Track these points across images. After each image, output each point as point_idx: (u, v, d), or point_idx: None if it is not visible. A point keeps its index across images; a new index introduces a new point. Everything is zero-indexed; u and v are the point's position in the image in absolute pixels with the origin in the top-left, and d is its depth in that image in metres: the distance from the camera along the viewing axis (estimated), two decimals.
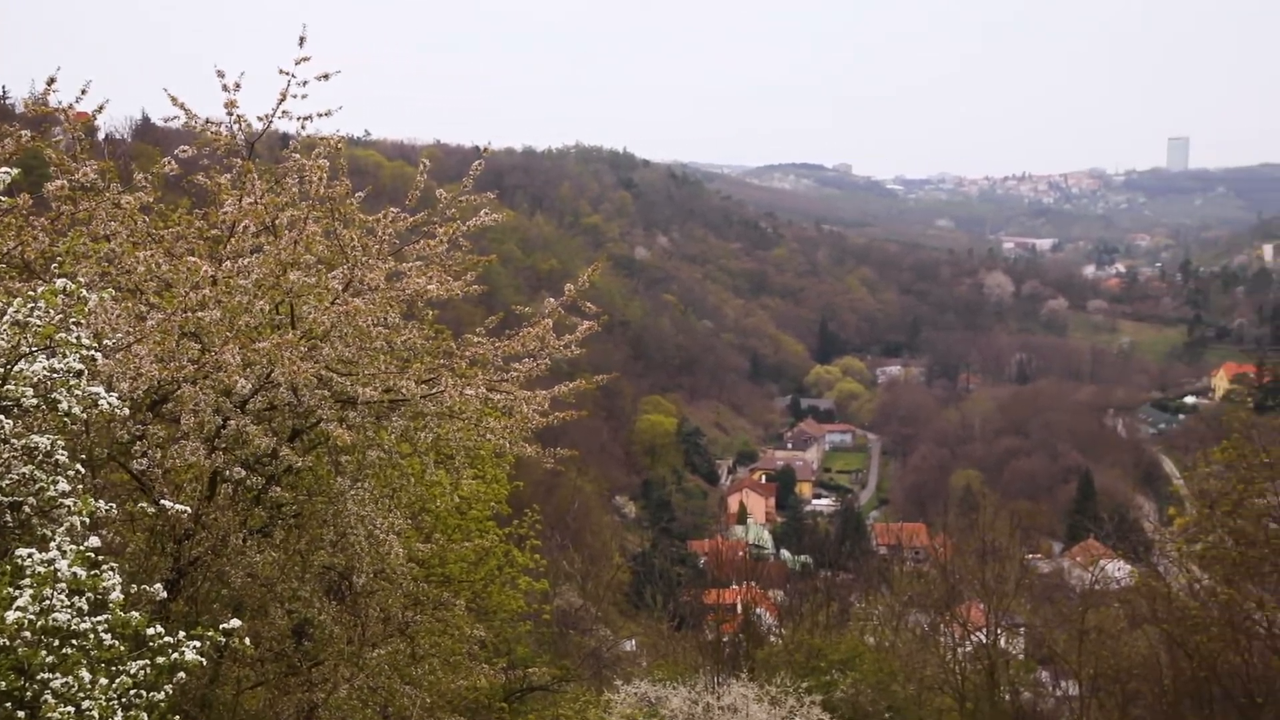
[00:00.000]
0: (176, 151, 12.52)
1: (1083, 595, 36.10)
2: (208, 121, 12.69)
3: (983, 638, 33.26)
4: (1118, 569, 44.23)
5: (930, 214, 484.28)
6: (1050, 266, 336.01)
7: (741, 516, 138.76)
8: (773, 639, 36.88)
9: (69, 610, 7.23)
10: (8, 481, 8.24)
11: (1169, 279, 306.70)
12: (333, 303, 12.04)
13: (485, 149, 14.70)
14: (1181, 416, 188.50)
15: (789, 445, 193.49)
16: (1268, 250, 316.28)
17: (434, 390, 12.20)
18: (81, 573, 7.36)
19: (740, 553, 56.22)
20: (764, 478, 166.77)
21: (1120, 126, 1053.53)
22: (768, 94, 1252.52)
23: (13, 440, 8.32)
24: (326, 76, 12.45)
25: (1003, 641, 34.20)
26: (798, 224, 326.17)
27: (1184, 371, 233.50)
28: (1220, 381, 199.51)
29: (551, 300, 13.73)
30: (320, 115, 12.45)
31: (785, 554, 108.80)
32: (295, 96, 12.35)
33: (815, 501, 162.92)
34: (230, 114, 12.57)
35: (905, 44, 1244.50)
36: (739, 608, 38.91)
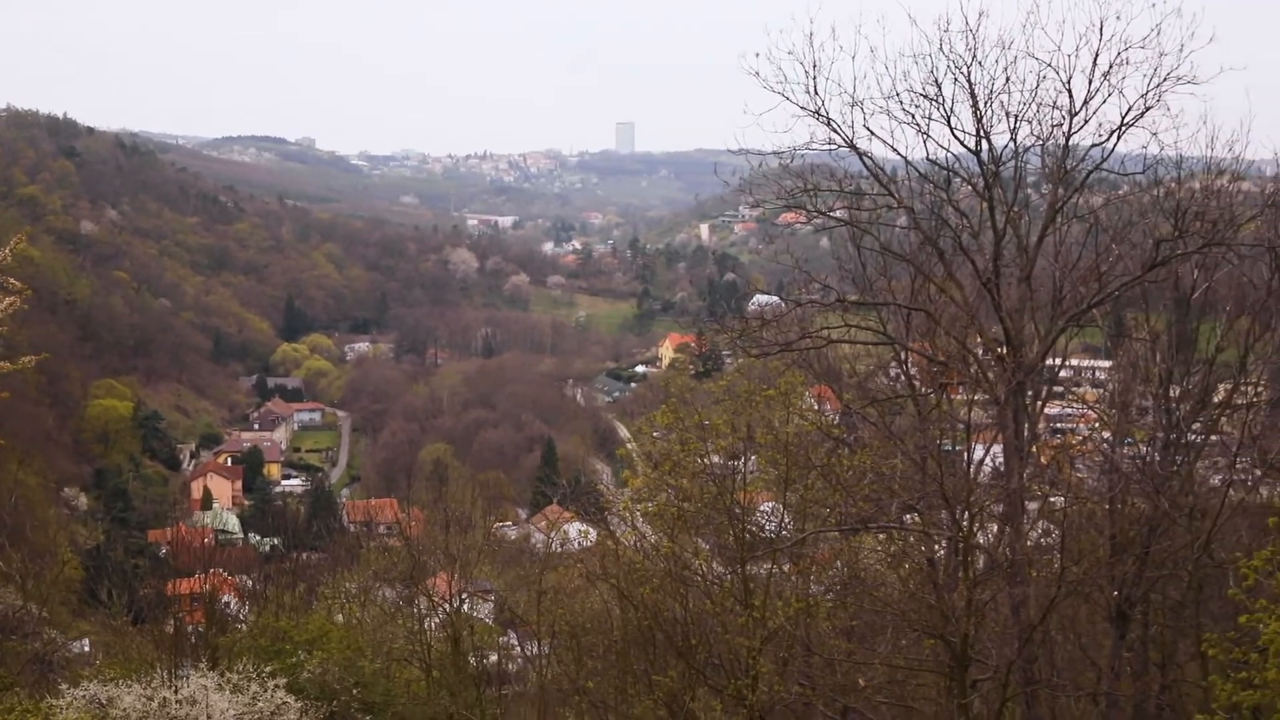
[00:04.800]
0: None
1: (543, 558, 37.79)
2: None
3: (449, 607, 34.00)
4: (579, 531, 46.68)
5: (395, 190, 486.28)
6: (512, 243, 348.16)
7: (206, 502, 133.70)
8: (240, 625, 35.77)
9: None
10: None
11: (620, 255, 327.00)
12: None
13: None
14: (634, 385, 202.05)
15: (256, 426, 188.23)
16: (704, 229, 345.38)
17: None
18: None
19: (205, 539, 54.05)
20: (230, 460, 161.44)
21: (573, 109, 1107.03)
22: (225, 63, 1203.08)
23: None
24: None
25: (468, 608, 35.14)
26: (260, 198, 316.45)
27: (635, 342, 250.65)
28: (667, 351, 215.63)
29: None
30: None
31: (254, 537, 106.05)
32: None
33: (285, 482, 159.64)
34: None
35: (368, 18, 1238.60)
36: (203, 596, 37.42)
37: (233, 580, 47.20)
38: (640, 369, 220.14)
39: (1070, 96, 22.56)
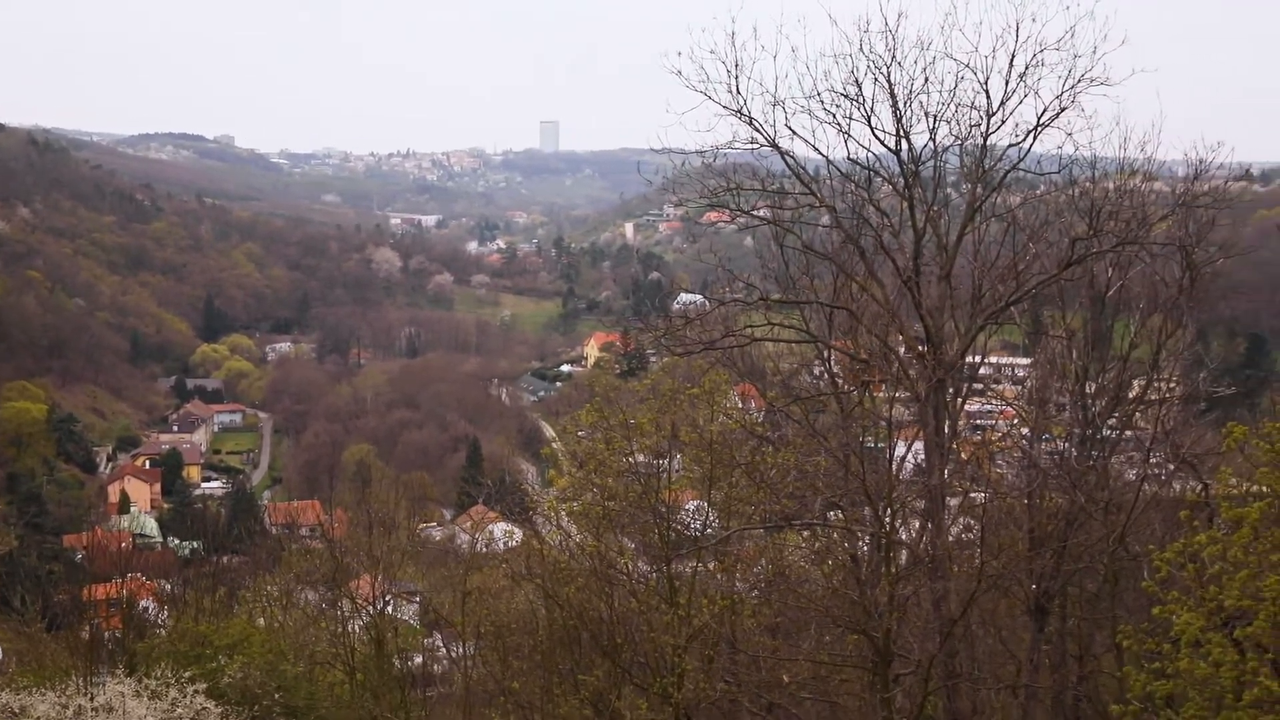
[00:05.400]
0: None
1: (468, 559, 37.61)
2: None
3: (373, 609, 33.76)
4: (504, 531, 46.56)
5: (317, 189, 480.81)
6: (436, 242, 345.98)
7: (124, 505, 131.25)
8: (159, 630, 35.24)
9: None
10: None
11: (545, 255, 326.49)
12: None
13: None
14: (559, 384, 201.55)
15: (175, 428, 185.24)
16: (629, 228, 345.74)
17: None
18: None
19: (122, 544, 53.20)
20: (148, 463, 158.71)
21: (497, 108, 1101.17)
22: (141, 59, 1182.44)
23: None
24: None
25: (392, 610, 34.88)
26: (178, 197, 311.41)
27: (560, 342, 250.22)
28: (592, 350, 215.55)
29: None
30: None
31: (174, 541, 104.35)
32: None
33: (205, 485, 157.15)
34: None
35: (287, 14, 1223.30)
36: (121, 601, 36.80)
37: (151, 585, 46.51)
38: (565, 368, 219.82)
39: (988, 97, 22.89)
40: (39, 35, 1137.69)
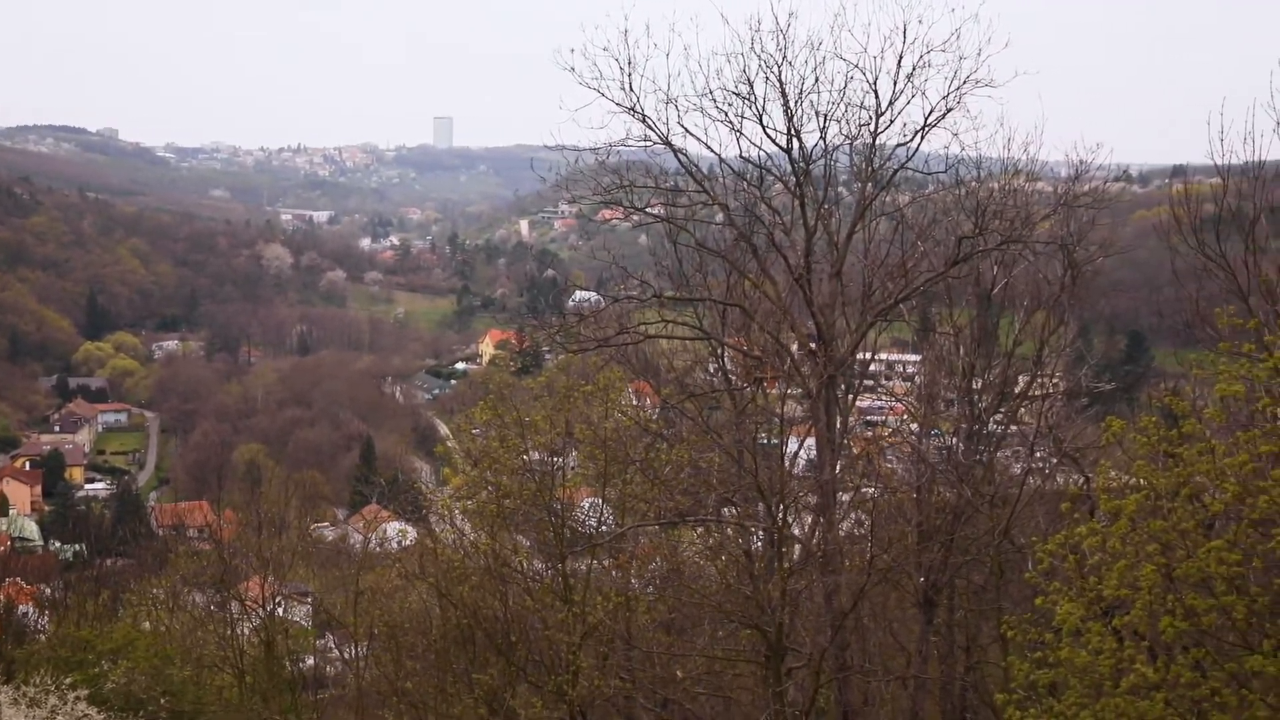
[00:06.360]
0: None
1: (360, 558, 37.22)
2: None
3: (263, 611, 33.25)
4: (399, 530, 46.06)
5: (205, 184, 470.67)
6: (328, 238, 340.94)
7: (2, 508, 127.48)
8: (39, 636, 34.30)
9: None
10: None
11: (439, 252, 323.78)
12: None
13: None
14: (454, 382, 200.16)
15: (56, 428, 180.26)
16: (524, 225, 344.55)
17: None
18: None
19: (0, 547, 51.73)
20: (28, 464, 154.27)
21: (389, 103, 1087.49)
22: (20, 48, 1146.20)
23: None
24: None
25: (283, 611, 34.36)
26: (59, 190, 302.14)
27: (455, 339, 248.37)
28: (487, 348, 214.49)
29: None
30: None
31: (55, 544, 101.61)
32: None
33: (89, 486, 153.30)
34: None
35: (174, 4, 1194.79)
36: None
37: (31, 589, 45.23)
38: (460, 366, 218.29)
39: (876, 97, 23.23)
40: None
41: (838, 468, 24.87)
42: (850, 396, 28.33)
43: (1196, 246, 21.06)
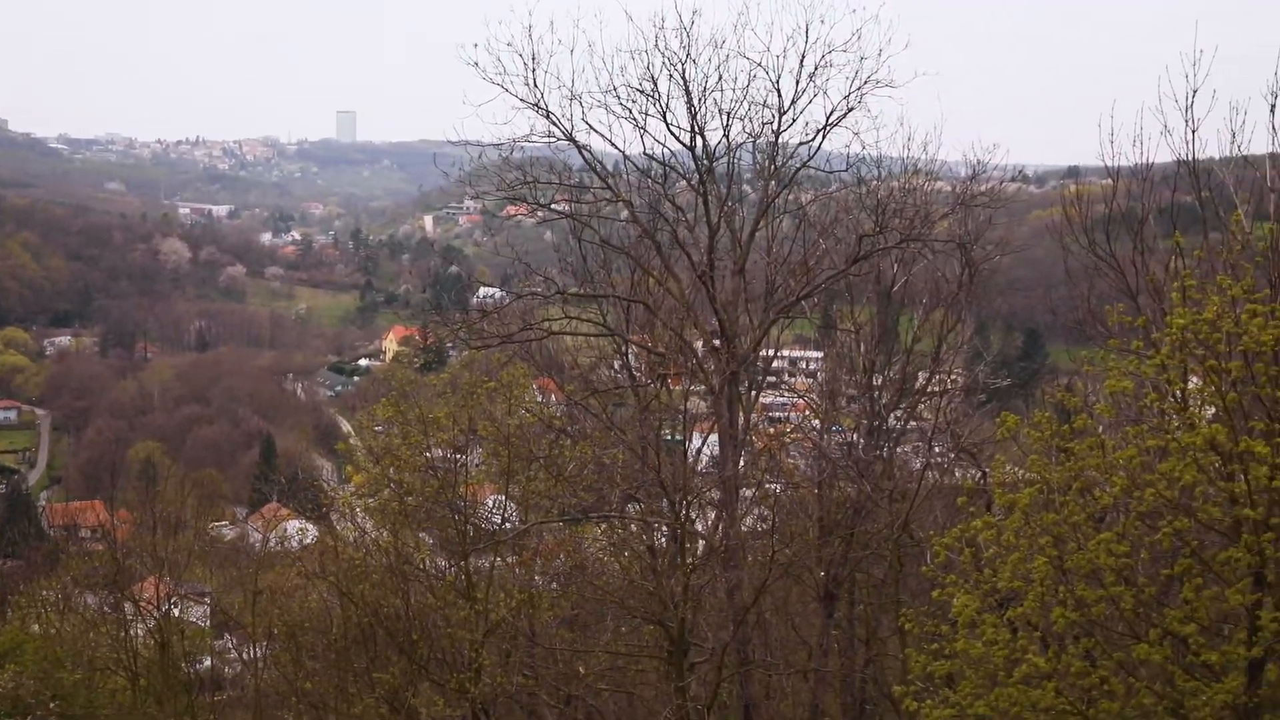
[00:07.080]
0: None
1: (259, 557, 36.66)
2: None
3: (158, 612, 32.59)
4: (299, 528, 45.40)
5: (100, 176, 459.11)
6: (228, 233, 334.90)
7: None
8: None
9: None
10: None
11: (342, 247, 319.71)
12: None
13: None
14: (357, 378, 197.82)
15: None
16: (428, 221, 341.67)
17: None
18: None
19: None
20: None
21: (291, 96, 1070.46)
22: None
23: None
24: None
25: (179, 612, 33.72)
26: None
27: (358, 335, 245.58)
28: (390, 344, 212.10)
29: None
30: None
31: None
32: None
33: None
34: None
35: None
36: None
37: None
38: (363, 362, 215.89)
39: (779, 96, 23.46)
40: None
41: (740, 464, 25.05)
42: (753, 393, 28.54)
43: (1088, 246, 21.56)
